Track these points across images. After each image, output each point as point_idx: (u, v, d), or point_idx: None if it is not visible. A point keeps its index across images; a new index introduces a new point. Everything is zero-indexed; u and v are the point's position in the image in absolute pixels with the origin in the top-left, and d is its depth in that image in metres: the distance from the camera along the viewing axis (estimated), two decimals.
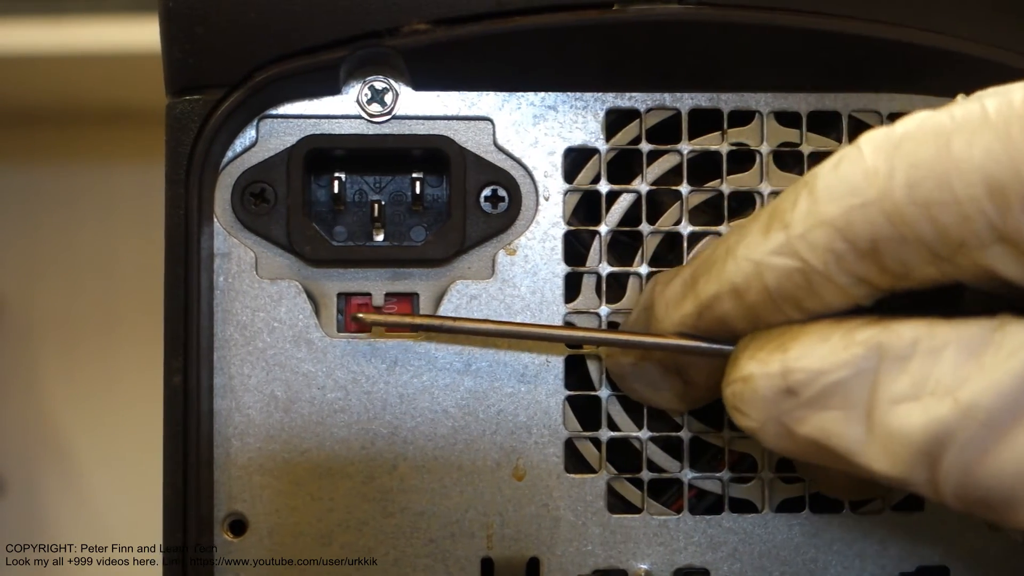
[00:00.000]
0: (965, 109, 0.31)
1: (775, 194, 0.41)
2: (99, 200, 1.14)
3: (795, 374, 0.33)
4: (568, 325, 0.41)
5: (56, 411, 1.15)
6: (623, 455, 0.41)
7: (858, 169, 0.32)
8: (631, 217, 0.41)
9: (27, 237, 1.15)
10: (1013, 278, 0.31)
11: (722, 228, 0.41)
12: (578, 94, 0.41)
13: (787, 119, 0.42)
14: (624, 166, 0.42)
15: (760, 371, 0.33)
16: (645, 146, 0.41)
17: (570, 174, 0.41)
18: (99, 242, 1.14)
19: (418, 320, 0.40)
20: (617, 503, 0.41)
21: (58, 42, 0.98)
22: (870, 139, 0.32)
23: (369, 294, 0.41)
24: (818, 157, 0.41)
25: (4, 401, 1.15)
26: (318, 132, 0.41)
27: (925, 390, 0.31)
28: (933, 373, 0.31)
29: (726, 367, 0.35)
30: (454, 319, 0.40)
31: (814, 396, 0.33)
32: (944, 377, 0.31)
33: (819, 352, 0.33)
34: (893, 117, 0.41)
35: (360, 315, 0.39)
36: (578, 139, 0.41)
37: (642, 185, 0.41)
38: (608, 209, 0.41)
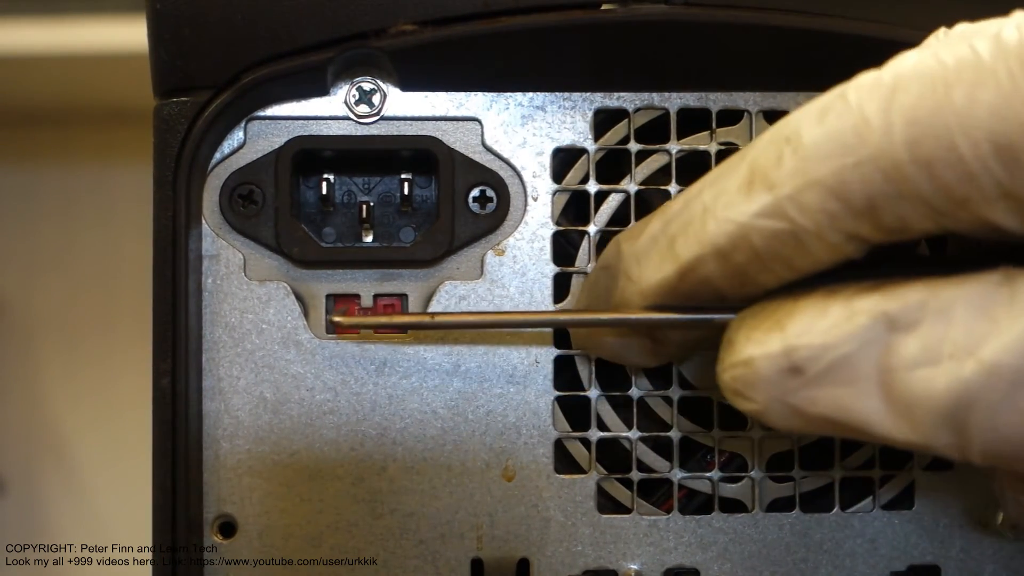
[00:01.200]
0: (957, 54, 0.30)
1: None
2: (99, 200, 1.14)
3: (798, 352, 0.32)
4: (558, 310, 0.41)
5: (56, 411, 1.15)
6: (613, 455, 0.41)
7: (848, 123, 0.30)
8: (620, 217, 0.41)
9: (27, 237, 1.15)
10: (1016, 231, 0.30)
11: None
12: (566, 94, 0.41)
13: (776, 118, 0.41)
14: (613, 166, 0.42)
15: (760, 352, 0.32)
16: (634, 146, 0.41)
17: (559, 174, 0.41)
18: (99, 242, 1.14)
19: (396, 319, 0.40)
20: (607, 503, 0.41)
21: (58, 42, 0.98)
22: (859, 87, 0.31)
23: (358, 295, 0.41)
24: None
25: (4, 401, 1.15)
26: (306, 133, 0.41)
27: (942, 353, 0.30)
28: (947, 335, 0.30)
29: (721, 350, 0.34)
30: (432, 315, 0.39)
31: (821, 372, 0.31)
32: (959, 338, 0.30)
33: (820, 326, 0.32)
34: None
35: (337, 319, 0.39)
36: (566, 139, 0.41)
37: (631, 185, 0.41)
38: (597, 209, 0.41)
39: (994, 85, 0.29)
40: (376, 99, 0.41)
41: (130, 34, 0.96)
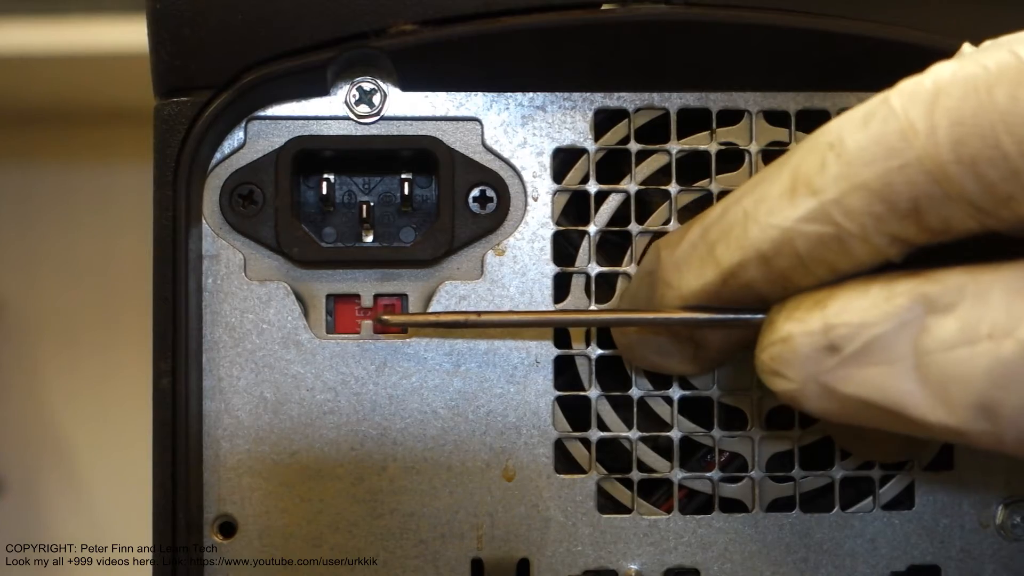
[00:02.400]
0: (997, 58, 0.30)
1: None
2: (98, 200, 1.14)
3: (837, 329, 0.32)
4: (600, 310, 0.41)
5: (56, 411, 1.15)
6: (613, 455, 0.41)
7: (893, 128, 0.31)
8: (620, 217, 0.41)
9: (27, 237, 1.15)
10: None
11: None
12: (566, 94, 0.41)
13: (776, 118, 0.41)
14: (613, 166, 0.42)
15: (799, 329, 0.33)
16: (634, 146, 0.41)
17: (559, 174, 0.41)
18: (98, 242, 1.14)
19: (444, 317, 0.40)
20: (607, 503, 0.41)
21: (58, 42, 0.98)
22: (901, 92, 0.31)
23: (358, 295, 0.41)
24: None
25: (4, 401, 1.15)
26: (306, 133, 0.41)
27: (979, 334, 0.31)
28: (985, 316, 0.31)
29: (761, 332, 0.34)
30: (479, 313, 0.39)
31: (858, 351, 0.32)
32: (998, 319, 0.30)
33: (860, 305, 0.32)
34: None
35: (385, 316, 0.39)
36: (567, 139, 0.41)
37: (631, 185, 0.41)
38: (597, 209, 0.41)
39: None
40: (376, 99, 0.41)
41: (130, 34, 0.96)
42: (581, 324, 0.40)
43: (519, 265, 0.41)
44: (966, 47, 0.35)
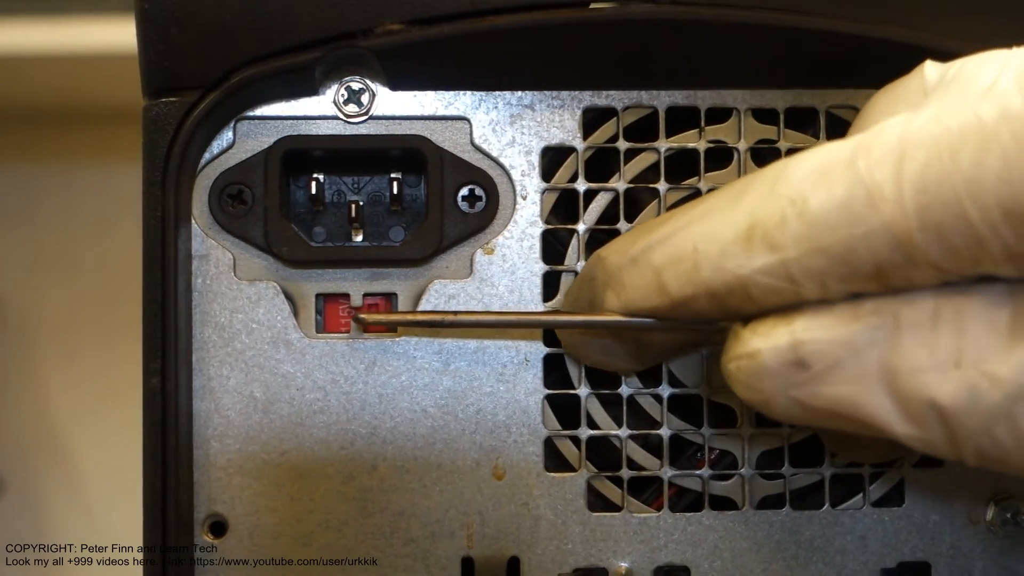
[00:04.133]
0: (960, 119, 0.30)
1: None
2: (99, 200, 1.14)
3: (805, 345, 0.32)
4: (577, 311, 0.41)
5: (56, 411, 1.15)
6: (603, 453, 0.42)
7: (859, 194, 0.30)
8: (609, 215, 0.41)
9: (27, 237, 1.15)
10: (1018, 279, 0.31)
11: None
12: (555, 93, 0.41)
13: (764, 116, 0.42)
14: (602, 164, 0.42)
15: (766, 345, 0.33)
16: (623, 144, 0.41)
17: (548, 173, 0.41)
18: (99, 242, 1.14)
19: (421, 317, 0.40)
20: (597, 501, 0.41)
21: (58, 42, 0.98)
22: (866, 153, 0.31)
23: (347, 295, 0.41)
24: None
25: (4, 401, 1.15)
26: (295, 133, 0.41)
27: (949, 362, 0.31)
28: (955, 344, 0.31)
29: (727, 342, 0.34)
30: (455, 313, 0.39)
31: (827, 368, 0.32)
32: (968, 349, 0.31)
33: (827, 322, 0.32)
34: None
35: (362, 315, 0.39)
36: (555, 138, 0.41)
37: (620, 183, 0.41)
38: (586, 207, 0.41)
39: (999, 150, 0.29)
40: (365, 98, 0.41)
41: (130, 34, 0.96)
42: (559, 326, 0.40)
43: (508, 264, 0.41)
44: (928, 67, 0.34)
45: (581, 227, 0.41)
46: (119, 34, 0.97)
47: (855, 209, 0.31)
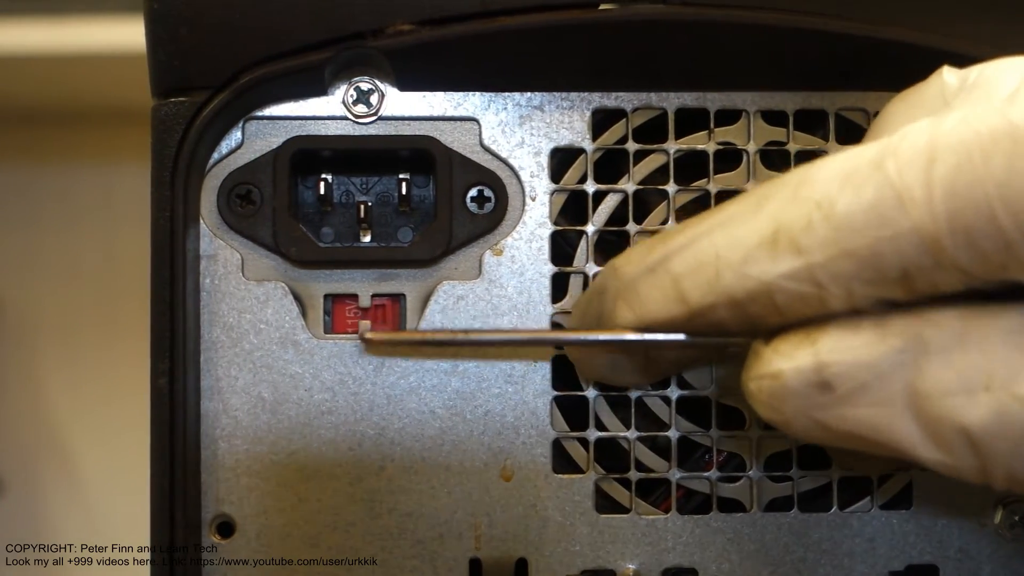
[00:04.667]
0: (989, 124, 0.30)
1: None
2: (99, 200, 1.14)
3: (830, 368, 0.32)
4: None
5: (56, 411, 1.15)
6: (611, 455, 0.41)
7: (888, 196, 0.30)
8: (618, 217, 0.41)
9: (27, 237, 1.15)
10: None
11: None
12: (564, 94, 0.41)
13: (774, 118, 0.41)
14: (611, 166, 0.42)
15: (789, 366, 0.32)
16: (632, 146, 0.41)
17: (557, 174, 0.41)
18: (99, 242, 1.14)
19: (429, 336, 0.40)
20: (605, 503, 0.41)
21: (58, 42, 0.98)
22: (894, 156, 0.30)
23: (356, 295, 0.41)
24: (804, 156, 0.41)
25: (4, 401, 1.15)
26: (304, 133, 0.41)
27: (978, 385, 0.31)
28: (983, 367, 0.31)
29: (747, 361, 0.34)
30: (466, 331, 0.40)
31: (852, 390, 0.32)
32: (997, 371, 0.31)
33: (852, 343, 0.32)
34: None
35: (368, 335, 0.39)
36: (565, 139, 0.41)
37: (629, 185, 0.41)
38: (595, 209, 0.41)
39: None
40: (374, 99, 0.41)
41: (131, 34, 0.95)
42: (576, 343, 0.39)
43: (517, 265, 0.41)
44: (946, 72, 0.34)
45: (590, 228, 0.41)
46: (120, 34, 0.97)
47: (884, 212, 0.30)
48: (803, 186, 0.32)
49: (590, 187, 0.41)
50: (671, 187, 0.41)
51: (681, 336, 0.35)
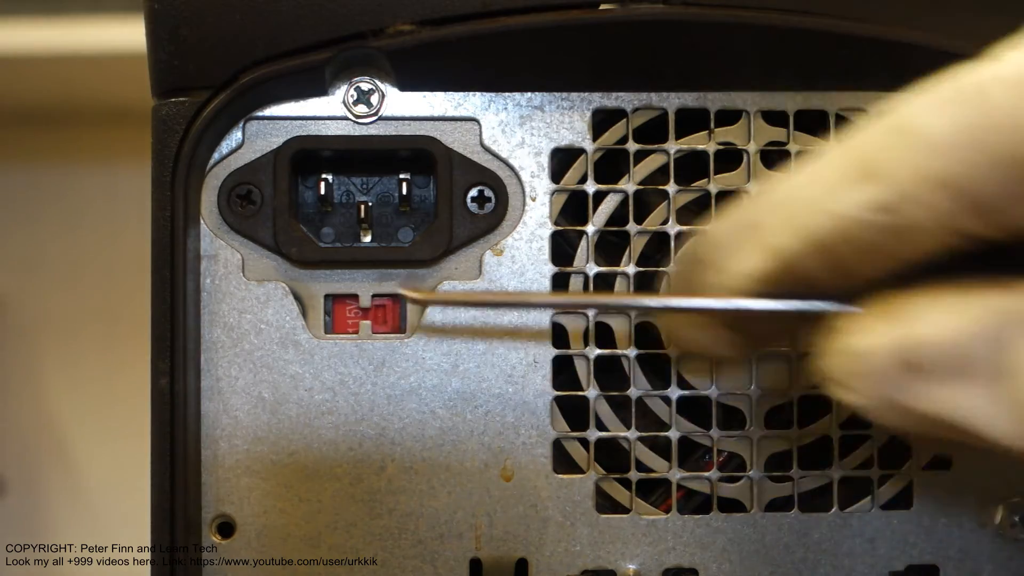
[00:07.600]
0: None
1: None
2: (99, 200, 1.14)
3: (919, 347, 0.30)
4: (650, 293, 0.40)
5: (56, 411, 1.15)
6: (611, 455, 0.41)
7: (980, 115, 0.28)
8: (618, 217, 0.41)
9: (28, 237, 1.15)
10: None
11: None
12: (565, 94, 0.41)
13: (774, 118, 0.41)
14: (611, 166, 0.42)
15: (874, 343, 0.30)
16: (632, 146, 0.41)
17: (557, 174, 0.41)
18: (99, 242, 1.14)
19: (473, 297, 0.40)
20: (605, 503, 0.41)
21: (58, 42, 0.98)
22: (999, 80, 0.28)
23: (356, 295, 0.41)
24: (805, 157, 0.41)
25: (4, 401, 1.15)
26: (305, 133, 0.41)
27: None
28: None
29: (825, 338, 0.32)
30: (509, 294, 0.40)
31: (940, 370, 0.29)
32: None
33: (938, 320, 0.30)
34: None
35: (405, 291, 0.39)
36: (565, 139, 0.41)
37: (629, 185, 0.41)
38: (595, 209, 0.41)
39: None
40: (374, 99, 0.41)
41: (131, 34, 0.95)
42: (631, 308, 0.39)
43: (517, 265, 0.41)
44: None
45: (590, 229, 0.41)
46: (120, 34, 0.97)
47: (976, 135, 0.28)
48: (891, 117, 0.30)
49: (590, 187, 0.41)
50: (671, 187, 0.41)
51: (761, 303, 0.33)
